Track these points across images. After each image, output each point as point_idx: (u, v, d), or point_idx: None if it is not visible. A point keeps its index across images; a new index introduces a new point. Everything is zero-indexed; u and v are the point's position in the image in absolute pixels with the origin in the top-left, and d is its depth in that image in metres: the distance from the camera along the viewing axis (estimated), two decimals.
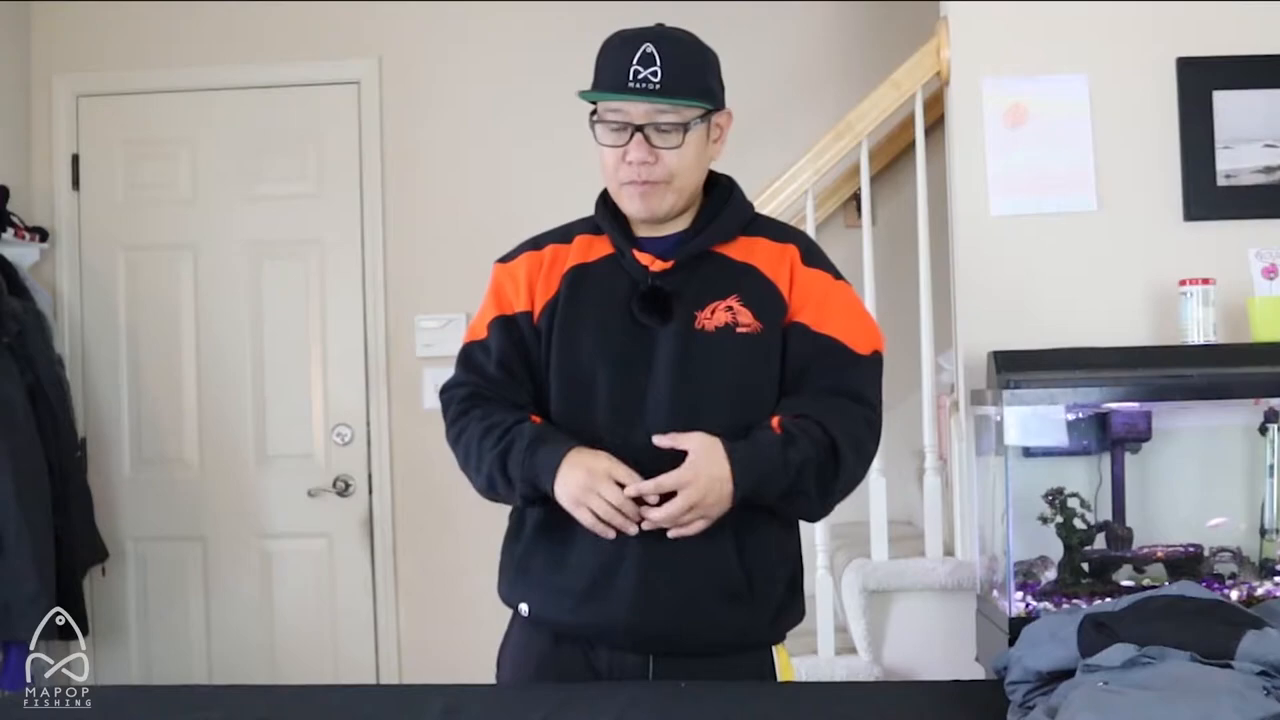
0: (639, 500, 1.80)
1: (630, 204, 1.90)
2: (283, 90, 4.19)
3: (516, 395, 1.94)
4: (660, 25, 1.89)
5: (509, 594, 1.97)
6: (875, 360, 1.94)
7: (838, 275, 1.98)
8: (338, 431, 4.14)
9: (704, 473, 1.78)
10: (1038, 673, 1.70)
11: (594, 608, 1.86)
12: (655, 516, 1.79)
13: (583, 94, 1.89)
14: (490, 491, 1.93)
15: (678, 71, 1.83)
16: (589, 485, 1.79)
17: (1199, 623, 1.66)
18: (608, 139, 1.87)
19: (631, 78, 1.82)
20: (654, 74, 1.82)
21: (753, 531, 1.88)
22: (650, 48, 1.82)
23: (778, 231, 1.99)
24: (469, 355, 1.99)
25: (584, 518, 1.81)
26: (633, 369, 1.88)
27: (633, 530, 1.80)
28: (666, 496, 1.79)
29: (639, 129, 1.84)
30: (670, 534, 1.80)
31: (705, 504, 1.78)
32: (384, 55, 4.18)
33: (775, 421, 1.84)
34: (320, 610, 4.14)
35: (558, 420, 1.92)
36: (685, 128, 1.85)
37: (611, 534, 1.81)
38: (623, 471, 1.80)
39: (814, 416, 1.84)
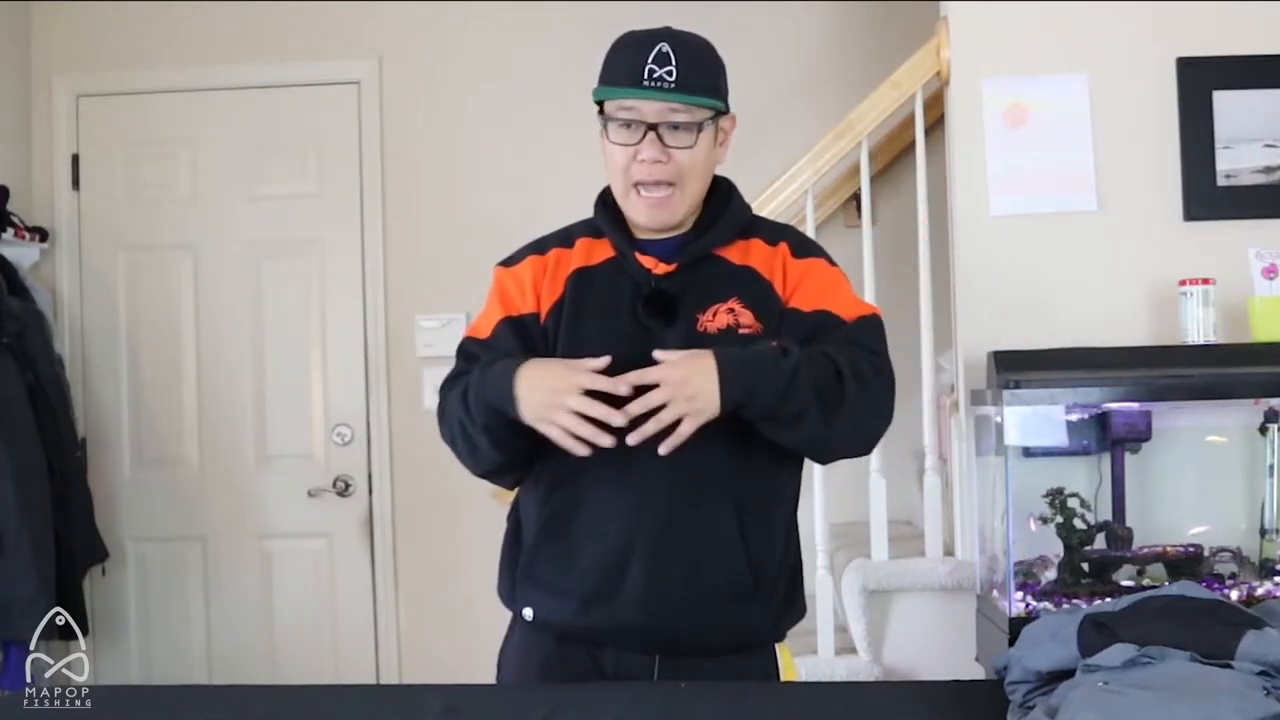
0: (616, 403, 1.69)
1: (639, 214, 1.89)
2: (283, 90, 4.19)
3: None
4: (667, 28, 1.89)
5: (512, 598, 1.96)
6: (872, 319, 1.90)
7: (831, 262, 1.96)
8: (338, 431, 4.14)
9: (684, 362, 1.71)
10: (1038, 673, 1.70)
11: (602, 611, 1.86)
12: (633, 409, 1.68)
13: (598, 91, 1.87)
14: (472, 455, 1.85)
15: (692, 71, 1.83)
16: (553, 399, 1.71)
17: (1199, 623, 1.66)
18: (619, 137, 1.86)
19: (647, 76, 1.82)
20: (669, 73, 1.81)
21: (758, 526, 1.88)
22: (666, 47, 1.82)
23: (770, 232, 1.99)
24: (468, 349, 1.95)
25: (553, 434, 1.72)
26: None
27: (605, 441, 1.69)
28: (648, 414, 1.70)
29: (652, 127, 1.83)
30: (661, 448, 1.70)
31: (687, 394, 1.69)
32: (384, 55, 4.18)
33: (772, 343, 1.80)
34: (320, 610, 4.14)
35: None
36: (698, 128, 1.85)
37: (584, 450, 1.71)
38: (587, 377, 1.71)
39: (818, 347, 1.79)
